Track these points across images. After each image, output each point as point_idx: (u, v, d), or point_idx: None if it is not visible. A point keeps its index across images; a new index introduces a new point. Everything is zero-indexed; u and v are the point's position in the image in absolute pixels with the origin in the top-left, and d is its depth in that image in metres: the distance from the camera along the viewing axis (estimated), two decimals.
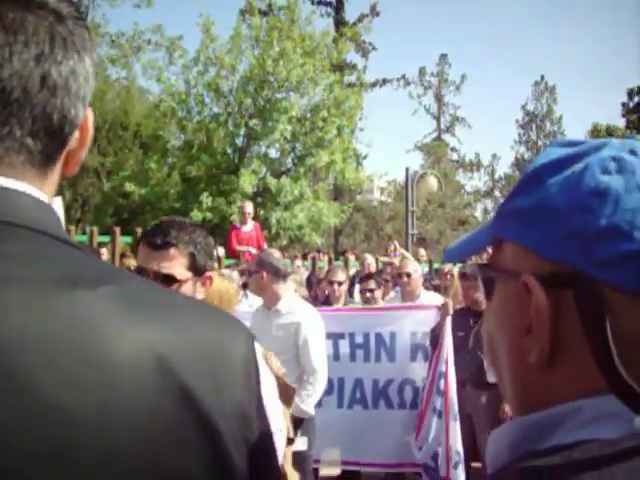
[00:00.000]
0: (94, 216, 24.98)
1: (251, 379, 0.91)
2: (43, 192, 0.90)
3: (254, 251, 11.65)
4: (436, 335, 5.75)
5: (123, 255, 11.70)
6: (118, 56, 25.42)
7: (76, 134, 0.92)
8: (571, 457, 0.70)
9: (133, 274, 0.97)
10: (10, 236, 0.82)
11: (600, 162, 0.78)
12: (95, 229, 12.95)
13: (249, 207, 12.81)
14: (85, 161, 18.88)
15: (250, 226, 12.66)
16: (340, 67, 24.22)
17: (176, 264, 2.39)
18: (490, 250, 0.90)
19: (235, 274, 7.52)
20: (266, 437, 0.94)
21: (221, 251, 12.70)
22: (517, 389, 0.85)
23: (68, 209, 26.15)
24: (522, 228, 0.81)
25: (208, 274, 2.47)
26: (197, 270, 2.43)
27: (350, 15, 35.04)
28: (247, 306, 7.35)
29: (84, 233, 13.29)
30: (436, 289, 8.59)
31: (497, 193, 51.98)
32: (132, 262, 8.99)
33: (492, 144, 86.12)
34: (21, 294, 0.77)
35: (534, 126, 53.32)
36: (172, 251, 2.40)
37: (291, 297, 5.57)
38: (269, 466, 0.95)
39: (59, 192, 1.00)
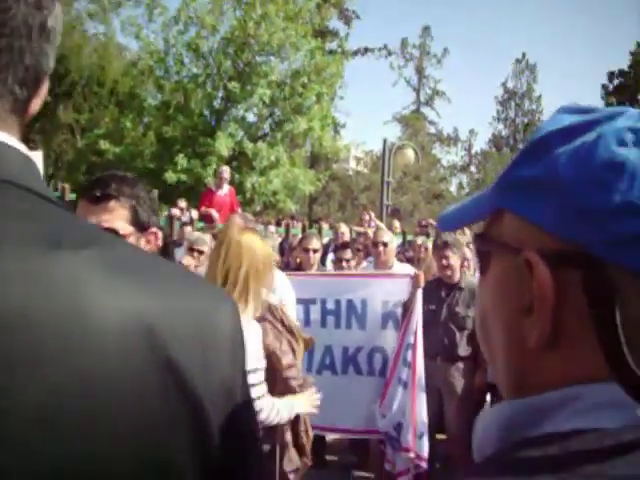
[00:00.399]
0: (67, 173, 24.67)
1: (237, 353, 0.89)
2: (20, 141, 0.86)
3: (216, 215, 11.60)
4: (407, 307, 5.74)
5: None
6: (97, 11, 24.99)
7: (45, 82, 0.90)
8: (569, 447, 0.66)
9: (118, 238, 0.94)
10: None
11: (615, 132, 0.72)
12: (67, 186, 12.77)
13: (226, 172, 12.70)
14: (59, 117, 18.80)
15: (225, 190, 12.57)
16: (322, 33, 24.04)
17: (117, 217, 2.26)
18: (486, 220, 0.84)
19: (207, 237, 7.47)
20: (249, 412, 0.93)
21: (194, 214, 12.62)
22: (511, 372, 0.79)
23: None
24: (526, 200, 0.75)
25: (153, 230, 2.36)
26: (140, 225, 2.31)
27: None
28: None
29: (56, 189, 13.10)
30: (409, 261, 8.58)
31: (473, 169, 52.16)
32: None
33: (470, 120, 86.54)
34: None
35: (513, 104, 53.39)
36: (112, 203, 2.27)
37: None
38: (252, 441, 0.94)
39: (33, 149, 0.97)
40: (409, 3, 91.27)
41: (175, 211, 12.18)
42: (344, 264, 7.07)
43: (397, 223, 14.45)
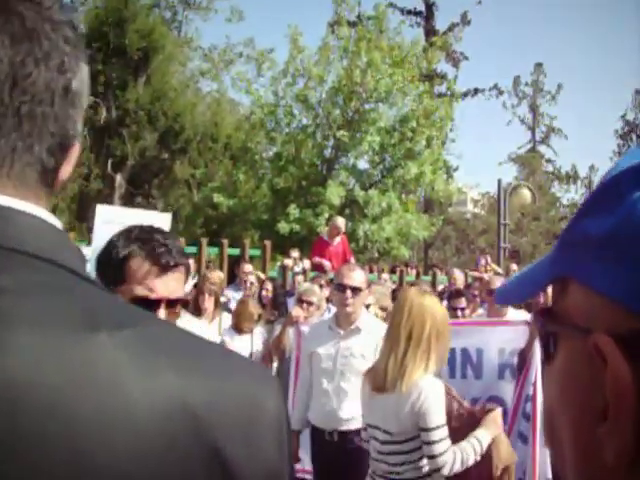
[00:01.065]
0: (184, 227, 25.37)
1: (283, 438, 0.82)
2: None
3: (328, 265, 11.53)
4: (524, 356, 5.43)
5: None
6: (209, 69, 25.85)
7: (75, 148, 0.88)
8: None
9: (153, 315, 0.93)
10: (20, 267, 0.74)
11: None
12: (183, 239, 13.08)
13: (342, 223, 12.64)
14: (176, 173, 19.48)
15: (337, 239, 12.51)
16: (430, 77, 23.92)
17: (181, 285, 2.07)
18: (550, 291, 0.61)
19: (316, 288, 7.38)
20: None
21: (307, 264, 12.61)
22: None
23: None
24: (595, 265, 0.55)
25: None
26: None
27: (440, 24, 34.67)
28: None
29: None
30: (527, 307, 8.21)
31: None
32: (217, 274, 8.92)
33: (589, 155, 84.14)
34: (29, 335, 0.69)
35: (634, 136, 51.58)
36: (179, 273, 2.05)
37: (367, 314, 5.39)
38: None
39: (152, 204, 0.87)
40: (519, 41, 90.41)
41: (288, 261, 12.22)
42: (458, 312, 6.85)
43: (515, 266, 14.00)
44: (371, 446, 3.74)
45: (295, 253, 12.64)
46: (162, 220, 5.88)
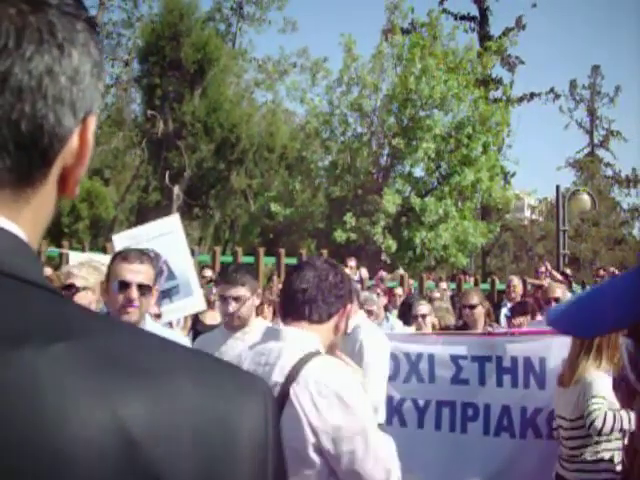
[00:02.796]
0: (241, 236, 25.56)
1: (264, 460, 0.70)
2: (18, 221, 0.72)
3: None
4: None
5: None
6: (264, 80, 26.02)
7: (70, 147, 0.74)
8: None
9: (121, 325, 0.79)
10: None
11: None
12: (239, 250, 13.17)
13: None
14: (232, 183, 19.64)
15: None
16: (485, 82, 23.67)
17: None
18: None
19: (375, 296, 7.39)
20: None
21: (364, 272, 12.59)
22: None
23: (217, 230, 26.90)
24: None
25: None
26: None
27: (495, 29, 34.25)
28: (388, 329, 7.20)
29: (232, 254, 13.57)
30: None
31: None
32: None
33: None
34: None
35: None
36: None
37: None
38: None
39: (209, 215, 0.79)
40: (575, 44, 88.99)
41: (345, 270, 12.18)
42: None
43: (568, 271, 13.70)
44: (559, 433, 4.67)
45: (352, 262, 12.61)
46: (171, 224, 5.92)
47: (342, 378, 2.25)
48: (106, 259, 4.46)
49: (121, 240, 5.75)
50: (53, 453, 0.59)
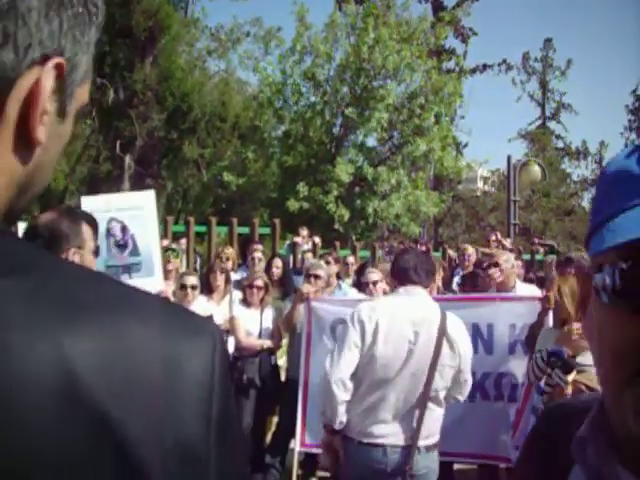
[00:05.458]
0: (194, 206, 25.40)
1: (210, 406, 0.69)
2: None
3: None
4: (534, 332, 5.39)
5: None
6: (216, 48, 25.70)
7: (21, 89, 0.69)
8: None
9: (68, 263, 0.80)
10: None
11: None
12: (192, 219, 13.09)
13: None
14: (185, 153, 19.41)
15: None
16: (438, 53, 23.76)
17: None
18: None
19: (322, 262, 7.53)
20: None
21: (317, 240, 12.64)
22: None
23: (169, 200, 26.68)
24: None
25: None
26: None
27: (449, 0, 34.37)
28: (341, 296, 7.29)
29: (185, 223, 13.49)
30: (539, 282, 8.18)
31: None
32: (231, 250, 9.02)
33: (600, 131, 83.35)
34: None
35: None
36: None
37: None
38: None
39: (161, 185, 0.76)
40: (528, 16, 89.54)
41: (297, 239, 12.23)
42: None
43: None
44: None
45: (304, 231, 12.65)
46: (145, 198, 5.83)
47: (463, 324, 4.22)
48: None
49: (89, 204, 5.65)
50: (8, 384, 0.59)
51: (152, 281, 5.51)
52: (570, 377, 4.37)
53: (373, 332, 3.85)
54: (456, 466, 6.54)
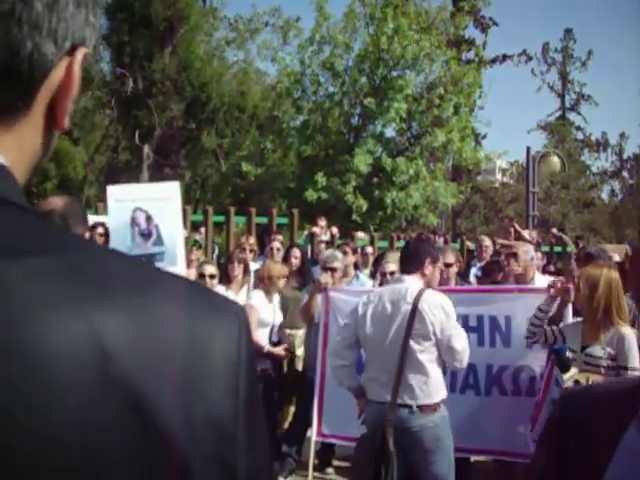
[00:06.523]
0: (212, 196, 25.44)
1: (238, 383, 0.70)
2: None
3: None
4: (555, 323, 5.35)
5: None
6: (235, 38, 25.69)
7: (55, 78, 0.72)
8: None
9: (95, 243, 0.79)
10: None
11: None
12: (210, 209, 13.11)
13: None
14: (203, 143, 19.43)
15: None
16: (458, 43, 23.62)
17: None
18: None
19: (339, 253, 7.52)
20: (256, 463, 0.72)
21: (335, 230, 12.62)
22: None
23: (187, 190, 26.78)
24: None
25: None
26: None
27: None
28: (359, 286, 7.28)
29: (203, 213, 13.52)
30: (558, 273, 8.14)
31: (625, 174, 49.67)
32: (252, 240, 9.05)
33: (620, 122, 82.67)
34: None
35: None
36: None
37: None
38: None
39: (180, 174, 0.77)
40: (549, 6, 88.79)
41: (315, 229, 12.22)
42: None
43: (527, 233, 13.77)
44: None
45: (322, 221, 12.63)
46: (171, 189, 5.86)
47: (442, 299, 4.64)
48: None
49: (117, 193, 5.70)
50: (29, 363, 0.59)
51: (175, 270, 5.52)
52: (567, 376, 4.43)
53: (363, 314, 4.74)
54: (473, 458, 6.54)
